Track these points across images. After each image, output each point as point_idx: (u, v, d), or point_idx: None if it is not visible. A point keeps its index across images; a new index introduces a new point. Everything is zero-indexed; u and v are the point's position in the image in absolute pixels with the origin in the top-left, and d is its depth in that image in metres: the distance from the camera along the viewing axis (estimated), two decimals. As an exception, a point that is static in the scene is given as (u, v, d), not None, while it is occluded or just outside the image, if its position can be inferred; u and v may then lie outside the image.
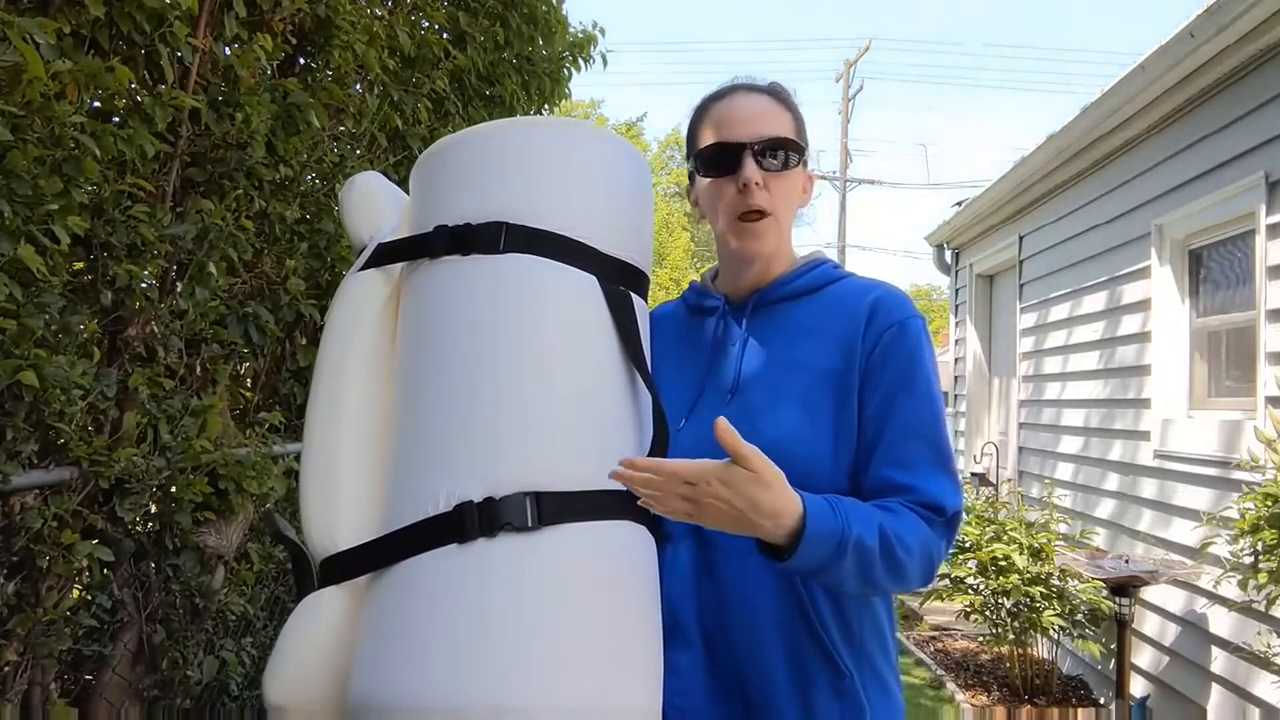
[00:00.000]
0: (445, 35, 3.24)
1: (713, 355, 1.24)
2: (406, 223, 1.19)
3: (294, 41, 2.51)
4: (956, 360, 7.24)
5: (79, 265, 1.89)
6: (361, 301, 1.15)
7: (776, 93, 1.23)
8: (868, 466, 1.13)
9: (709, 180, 1.20)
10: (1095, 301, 4.72)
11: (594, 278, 1.10)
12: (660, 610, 1.10)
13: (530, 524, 0.98)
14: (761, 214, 1.18)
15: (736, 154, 1.17)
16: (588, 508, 1.02)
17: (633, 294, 1.16)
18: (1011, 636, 4.32)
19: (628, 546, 1.06)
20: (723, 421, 0.97)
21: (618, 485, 1.04)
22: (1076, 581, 4.15)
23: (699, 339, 1.27)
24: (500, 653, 0.95)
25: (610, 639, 1.00)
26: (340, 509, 1.08)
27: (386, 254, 1.16)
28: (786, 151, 1.18)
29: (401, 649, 0.97)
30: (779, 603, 1.13)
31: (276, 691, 1.05)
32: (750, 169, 1.16)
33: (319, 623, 1.06)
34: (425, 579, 0.99)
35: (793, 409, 1.15)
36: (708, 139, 1.21)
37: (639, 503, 0.99)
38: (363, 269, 1.17)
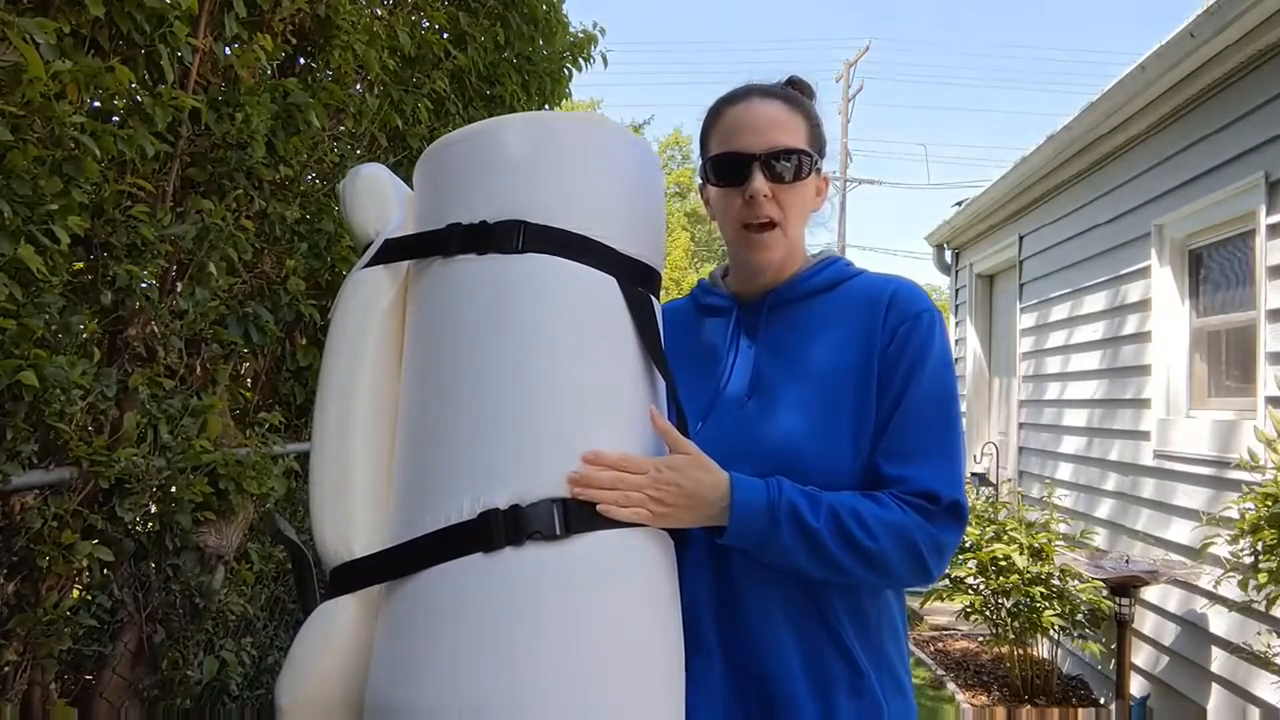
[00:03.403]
0: (445, 35, 3.24)
1: (727, 356, 1.23)
2: (411, 218, 1.16)
3: (294, 41, 2.51)
4: (957, 360, 7.24)
5: (79, 265, 1.89)
6: (370, 300, 1.12)
7: (791, 97, 1.21)
8: (870, 460, 1.13)
9: (718, 189, 1.19)
10: (1095, 301, 4.72)
11: (613, 279, 1.08)
12: (681, 616, 1.10)
13: (558, 532, 0.97)
14: (769, 224, 1.17)
15: (745, 165, 1.15)
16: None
17: (650, 295, 1.14)
18: (1012, 636, 4.32)
19: (652, 553, 1.05)
20: (654, 410, 1.07)
21: None
22: (1076, 581, 4.15)
23: (711, 339, 1.26)
24: (530, 662, 0.94)
25: (636, 647, 0.99)
26: (353, 515, 1.06)
27: (395, 250, 1.13)
28: (798, 162, 1.16)
29: (428, 653, 0.96)
30: (796, 604, 1.13)
31: (291, 699, 1.04)
32: (758, 182, 1.14)
33: (334, 630, 1.04)
34: (451, 588, 0.97)
35: (811, 409, 1.14)
36: (717, 146, 1.19)
37: (598, 508, 0.99)
38: (369, 265, 1.14)
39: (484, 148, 1.11)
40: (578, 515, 0.98)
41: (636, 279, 1.11)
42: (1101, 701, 4.35)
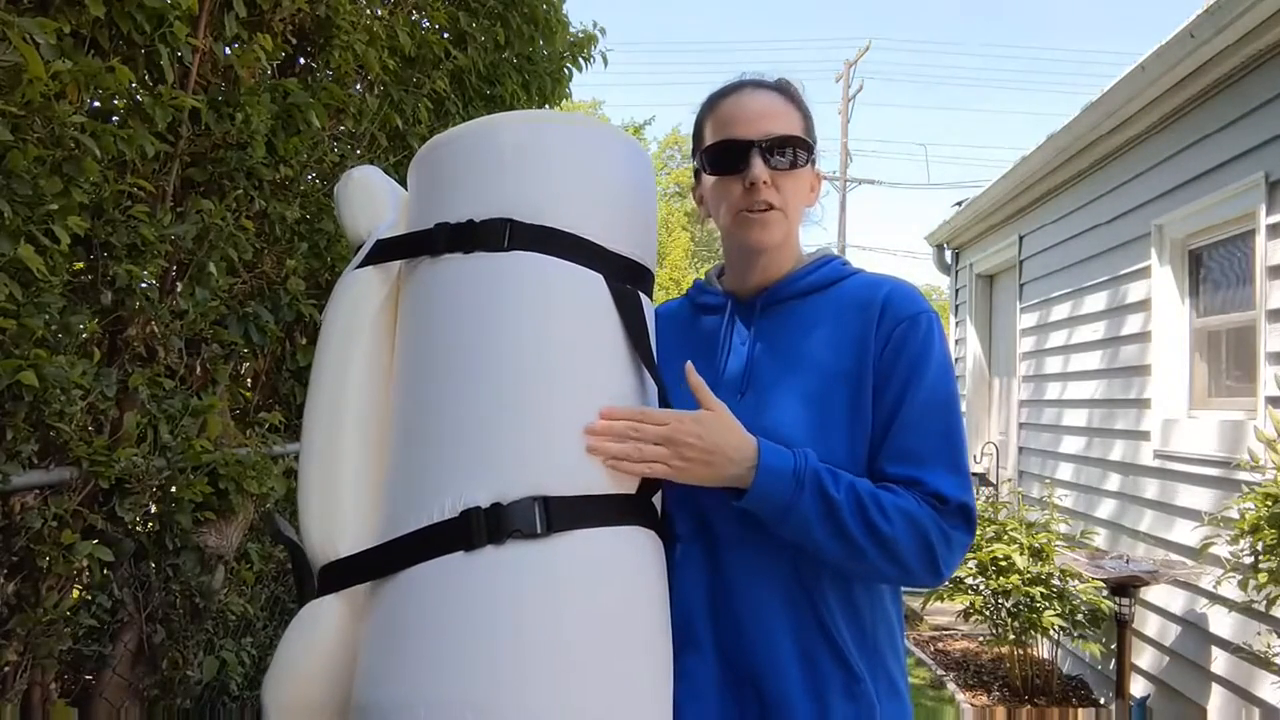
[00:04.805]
0: (445, 35, 3.24)
1: (720, 353, 1.23)
2: (404, 219, 1.17)
3: (294, 41, 2.51)
4: (957, 360, 7.24)
5: (79, 265, 1.89)
6: (360, 300, 1.13)
7: (785, 89, 1.21)
8: (873, 463, 1.13)
9: (715, 178, 1.18)
10: (1095, 301, 4.72)
11: (600, 276, 1.08)
12: (670, 615, 1.09)
13: (539, 530, 0.96)
14: (770, 208, 1.16)
15: (744, 152, 1.15)
16: (597, 513, 1.00)
17: (639, 292, 1.14)
18: (1012, 637, 4.32)
19: (638, 552, 1.04)
20: (690, 366, 1.08)
21: (627, 489, 1.04)
22: (1077, 581, 4.15)
23: (705, 337, 1.26)
24: (511, 661, 0.93)
25: (620, 647, 0.99)
26: (341, 515, 1.06)
27: (385, 250, 1.14)
28: (794, 150, 1.16)
29: (410, 653, 0.96)
30: (791, 602, 1.12)
31: (277, 697, 1.04)
32: (758, 167, 1.14)
33: (320, 630, 1.05)
34: (433, 587, 0.98)
35: (805, 407, 1.14)
36: (714, 136, 1.19)
37: (607, 461, 1.00)
38: (360, 266, 1.14)
39: (473, 147, 1.11)
40: (560, 513, 0.98)
41: (625, 277, 1.11)
42: (1101, 701, 4.35)
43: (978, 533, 4.40)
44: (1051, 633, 4.28)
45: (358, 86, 2.85)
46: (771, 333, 1.21)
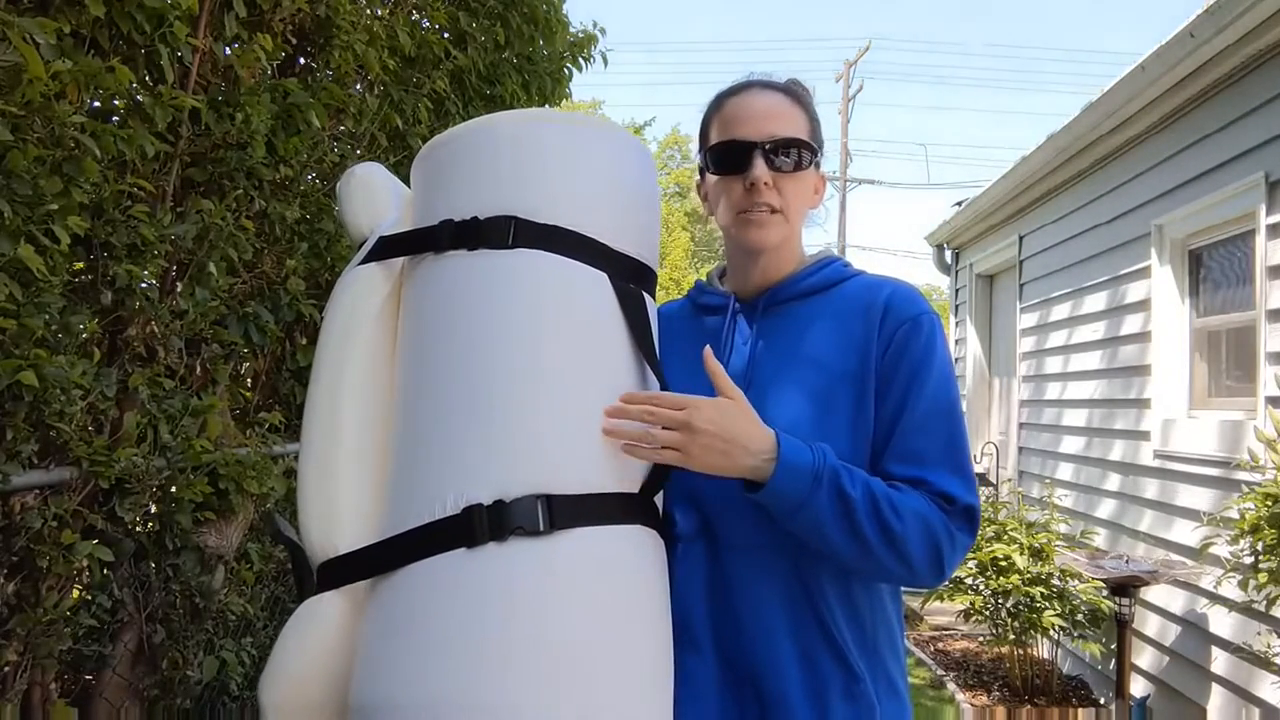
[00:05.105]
0: (445, 35, 3.24)
1: (723, 351, 1.23)
2: (408, 216, 1.17)
3: (294, 41, 2.51)
4: (957, 360, 7.24)
5: (79, 265, 1.90)
6: (362, 297, 1.13)
7: (792, 91, 1.21)
8: (877, 465, 1.13)
9: (717, 178, 1.19)
10: (1095, 301, 4.72)
11: (605, 275, 1.08)
12: (670, 615, 1.09)
13: (542, 528, 0.96)
14: (770, 211, 1.17)
15: (747, 152, 1.15)
16: (600, 511, 1.00)
17: (643, 292, 1.14)
18: (1012, 637, 4.32)
19: (639, 551, 1.04)
20: (708, 351, 1.06)
21: (630, 488, 1.04)
22: (1077, 581, 4.15)
23: (707, 336, 1.26)
24: (511, 659, 0.93)
25: (620, 645, 0.99)
26: (340, 511, 1.06)
27: (388, 247, 1.14)
28: (798, 152, 1.16)
29: (409, 649, 0.96)
30: (792, 603, 1.12)
31: (273, 696, 1.04)
32: (759, 168, 1.14)
33: (318, 627, 1.04)
34: (433, 584, 0.97)
35: (807, 406, 1.14)
36: (718, 135, 1.19)
37: (621, 445, 1.01)
38: (363, 263, 1.14)
39: (477, 145, 1.11)
40: (562, 510, 0.97)
41: (629, 276, 1.11)
42: (1101, 701, 4.35)
43: (978, 532, 4.43)
44: (1051, 633, 4.28)
45: (358, 86, 2.85)
46: (773, 332, 1.21)
